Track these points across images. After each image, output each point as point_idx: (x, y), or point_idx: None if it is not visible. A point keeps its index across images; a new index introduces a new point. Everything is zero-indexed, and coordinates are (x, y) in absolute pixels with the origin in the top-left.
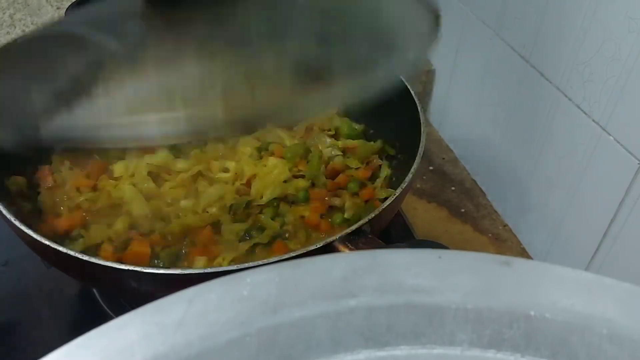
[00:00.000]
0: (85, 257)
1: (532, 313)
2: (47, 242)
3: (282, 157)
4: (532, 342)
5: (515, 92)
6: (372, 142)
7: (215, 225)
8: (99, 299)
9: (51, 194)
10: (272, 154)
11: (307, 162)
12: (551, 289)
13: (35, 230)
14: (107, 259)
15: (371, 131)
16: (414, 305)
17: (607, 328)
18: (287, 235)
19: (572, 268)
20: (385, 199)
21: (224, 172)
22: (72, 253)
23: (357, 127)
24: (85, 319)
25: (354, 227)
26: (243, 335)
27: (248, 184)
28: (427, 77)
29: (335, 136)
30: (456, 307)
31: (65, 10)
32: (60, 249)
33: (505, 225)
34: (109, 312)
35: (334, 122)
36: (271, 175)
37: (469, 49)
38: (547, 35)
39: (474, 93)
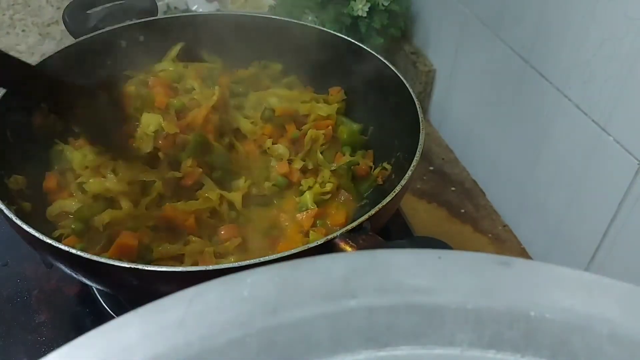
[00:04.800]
0: (87, 255)
1: (532, 313)
2: (49, 241)
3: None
4: (532, 342)
5: (514, 93)
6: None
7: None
8: (99, 299)
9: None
10: None
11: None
12: (551, 289)
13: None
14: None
15: (371, 127)
16: (414, 305)
17: (607, 328)
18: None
19: (572, 268)
20: (386, 196)
21: None
22: (73, 251)
23: (355, 127)
24: (85, 319)
25: (354, 224)
26: (243, 335)
27: None
28: (427, 77)
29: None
30: (456, 307)
31: (64, 10)
32: (61, 246)
33: (505, 226)
34: (109, 312)
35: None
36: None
37: (469, 50)
38: (546, 35)
39: (474, 93)
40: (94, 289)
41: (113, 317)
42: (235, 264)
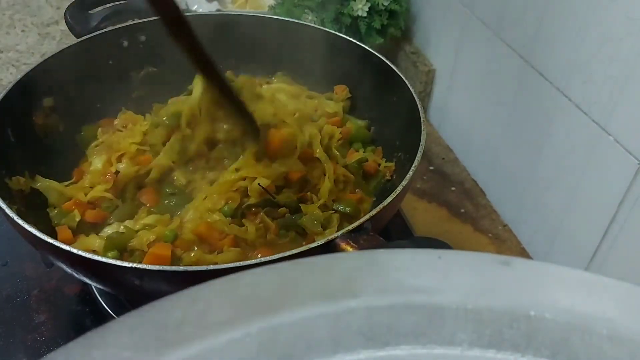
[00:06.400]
0: (87, 255)
1: (532, 313)
2: (49, 240)
3: None
4: (532, 342)
5: (514, 92)
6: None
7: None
8: (99, 299)
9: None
10: None
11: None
12: (551, 289)
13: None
14: None
15: (372, 128)
16: (414, 305)
17: (607, 328)
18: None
19: (572, 268)
20: (387, 197)
21: None
22: (74, 250)
23: (361, 122)
24: (85, 319)
25: (355, 225)
26: (243, 335)
27: None
28: (427, 77)
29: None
30: (456, 307)
31: (65, 10)
32: (62, 246)
33: (505, 225)
34: (109, 312)
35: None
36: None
37: (469, 49)
38: (546, 35)
39: (474, 93)
40: (94, 289)
41: (113, 317)
42: (236, 264)
